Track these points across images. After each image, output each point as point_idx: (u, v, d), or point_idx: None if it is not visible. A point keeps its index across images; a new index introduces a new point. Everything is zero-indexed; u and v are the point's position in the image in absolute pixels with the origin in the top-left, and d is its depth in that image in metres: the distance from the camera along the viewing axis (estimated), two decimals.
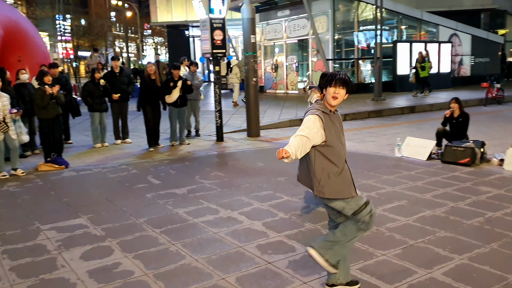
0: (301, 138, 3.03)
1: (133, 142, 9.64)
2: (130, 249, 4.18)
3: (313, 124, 3.07)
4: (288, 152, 2.96)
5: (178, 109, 9.16)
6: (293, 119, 12.30)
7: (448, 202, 5.25)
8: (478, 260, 3.76)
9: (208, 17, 9.11)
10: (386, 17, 19.57)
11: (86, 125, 11.50)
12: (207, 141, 9.79)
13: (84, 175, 7.08)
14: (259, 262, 3.84)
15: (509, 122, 11.84)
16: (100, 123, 9.23)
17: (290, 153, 2.97)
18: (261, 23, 21.88)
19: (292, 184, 6.22)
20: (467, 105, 14.86)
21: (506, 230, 4.36)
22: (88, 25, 48.39)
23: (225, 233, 4.51)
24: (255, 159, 7.93)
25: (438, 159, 7.39)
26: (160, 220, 4.91)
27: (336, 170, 3.14)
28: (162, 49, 60.02)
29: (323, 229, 4.53)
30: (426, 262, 3.76)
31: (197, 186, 6.22)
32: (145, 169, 7.31)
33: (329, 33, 18.60)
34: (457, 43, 22.22)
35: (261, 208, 5.27)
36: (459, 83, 21.95)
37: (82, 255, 4.08)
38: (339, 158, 3.15)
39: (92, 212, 5.25)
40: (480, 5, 25.81)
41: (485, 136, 8.94)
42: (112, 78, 9.30)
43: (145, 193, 5.98)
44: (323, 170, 3.13)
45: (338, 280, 3.31)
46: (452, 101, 7.83)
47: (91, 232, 4.64)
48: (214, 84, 9.72)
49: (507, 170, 6.61)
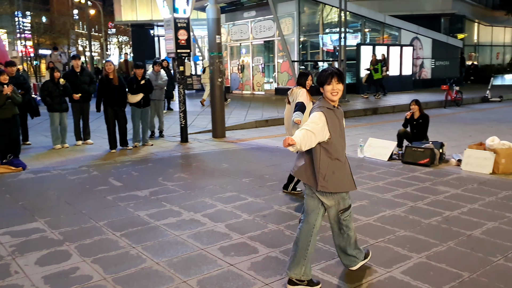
0: (306, 132, 3.12)
1: (94, 143, 9.41)
2: (88, 253, 4.07)
3: (318, 120, 3.18)
4: (293, 140, 3.03)
5: (141, 109, 9.01)
6: (259, 120, 12.32)
7: (408, 202, 5.36)
8: (436, 259, 3.85)
9: (173, 17, 9.01)
10: (350, 20, 19.91)
11: (45, 125, 11.15)
12: (171, 142, 9.67)
13: (42, 177, 6.86)
14: (221, 264, 3.81)
15: (467, 124, 12.25)
16: (60, 124, 8.98)
17: (296, 142, 3.03)
18: (227, 23, 21.84)
19: (257, 185, 6.22)
20: (428, 107, 15.29)
21: (463, 229, 4.49)
22: (49, 23, 47.04)
23: (187, 235, 4.46)
24: (220, 160, 7.88)
25: (398, 159, 7.55)
26: (121, 223, 4.81)
27: (340, 165, 3.31)
28: (127, 48, 59.01)
29: (286, 229, 4.55)
30: (385, 261, 3.83)
31: (159, 188, 6.13)
32: (107, 171, 7.15)
33: (295, 35, 18.75)
34: (418, 47, 22.84)
35: (224, 209, 5.24)
36: (420, 85, 22.56)
37: (38, 260, 3.94)
38: (342, 153, 3.33)
39: (50, 215, 5.09)
40: (440, 10, 26.61)
41: (444, 137, 9.20)
42: (73, 78, 9.06)
43: (106, 195, 5.84)
44: (328, 166, 3.26)
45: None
46: (412, 103, 8.04)
47: (48, 236, 4.49)
48: (178, 84, 9.62)
49: (464, 170, 6.82)
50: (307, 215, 3.44)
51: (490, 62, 33.35)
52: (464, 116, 14.09)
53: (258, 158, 8.07)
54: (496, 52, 34.72)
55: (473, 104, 17.47)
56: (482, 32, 33.08)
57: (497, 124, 12.05)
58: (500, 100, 18.05)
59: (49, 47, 38.90)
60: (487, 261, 3.79)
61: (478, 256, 3.88)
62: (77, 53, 49.38)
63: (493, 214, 4.89)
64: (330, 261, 3.85)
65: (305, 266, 3.36)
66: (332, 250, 4.05)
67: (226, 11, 21.29)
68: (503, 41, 35.40)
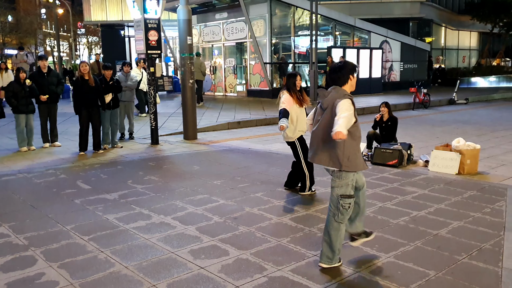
0: (346, 118, 3.42)
1: (62, 145, 9.21)
2: (55, 258, 3.97)
3: (351, 106, 3.52)
4: (344, 134, 3.31)
5: (111, 111, 8.87)
6: (231, 122, 12.31)
7: (377, 202, 5.45)
8: (403, 258, 3.92)
9: (143, 17, 8.90)
10: (321, 23, 20.13)
11: (11, 127, 10.85)
12: (142, 144, 9.55)
13: (7, 180, 6.66)
14: (192, 268, 3.78)
15: (434, 125, 12.55)
16: (27, 126, 8.75)
17: (344, 134, 3.32)
18: (198, 24, 21.75)
19: (228, 187, 6.20)
20: (396, 109, 15.61)
21: (429, 229, 4.59)
22: (15, 22, 45.78)
23: (157, 239, 4.41)
24: (191, 163, 7.83)
25: (368, 160, 7.67)
26: (89, 227, 4.71)
27: (359, 147, 3.71)
28: (97, 48, 58.00)
29: (257, 231, 4.55)
30: (355, 261, 3.88)
31: (129, 191, 6.04)
32: (75, 174, 7.00)
33: (267, 37, 18.83)
34: (387, 50, 23.29)
35: (195, 212, 5.20)
36: (390, 88, 23.00)
37: (2, 266, 3.82)
38: (360, 136, 3.72)
39: (15, 220, 4.95)
40: (409, 14, 27.19)
41: (412, 138, 9.40)
42: (40, 79, 8.83)
43: (74, 198, 5.72)
44: (352, 147, 3.62)
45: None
46: (382, 105, 8.19)
47: (13, 241, 4.36)
48: (149, 85, 9.51)
49: (431, 171, 6.98)
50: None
51: (456, 65, 34.31)
52: (432, 118, 14.43)
53: (230, 160, 8.05)
54: (462, 55, 35.74)
55: (440, 106, 17.92)
56: (449, 36, 34.02)
57: (463, 125, 12.40)
58: (466, 103, 18.59)
59: (15, 47, 37.86)
60: (453, 259, 3.88)
61: (444, 255, 3.97)
62: (45, 53, 48.28)
63: (459, 214, 5.02)
64: (301, 262, 3.87)
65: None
66: (302, 251, 4.07)
67: (197, 12, 21.21)
68: (469, 45, 36.48)
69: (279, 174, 6.69)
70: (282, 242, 4.30)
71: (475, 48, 37.26)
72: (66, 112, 8.80)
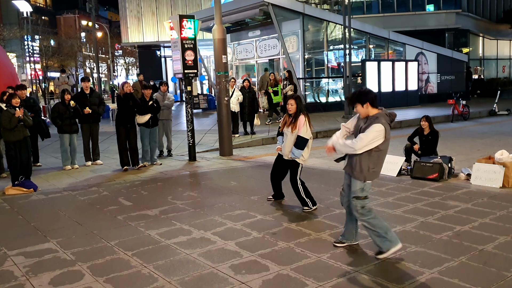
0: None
1: (104, 163, 9.49)
2: (101, 272, 4.09)
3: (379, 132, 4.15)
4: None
5: (150, 129, 9.11)
6: (265, 138, 12.37)
7: (418, 217, 5.35)
8: (448, 274, 3.83)
9: (179, 38, 9.15)
10: (355, 37, 20.06)
11: (55, 147, 11.28)
12: (180, 161, 9.73)
13: (53, 198, 6.92)
14: (233, 283, 3.81)
15: (475, 137, 12.22)
16: (70, 145, 9.08)
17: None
18: (232, 43, 22.09)
19: (265, 203, 6.23)
20: (435, 122, 15.23)
21: (474, 244, 4.47)
22: (57, 46, 47.80)
23: (198, 254, 4.47)
24: (228, 178, 7.92)
25: (407, 175, 7.54)
26: (132, 243, 4.83)
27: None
28: (133, 69, 59.70)
29: (296, 247, 4.55)
30: (397, 277, 3.82)
31: (169, 207, 6.16)
32: (116, 191, 7.20)
33: (299, 53, 18.92)
34: (423, 62, 22.93)
35: (234, 227, 5.25)
36: (427, 100, 22.58)
37: (51, 280, 3.97)
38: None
39: (62, 236, 5.13)
40: (444, 25, 26.80)
41: (452, 151, 9.19)
42: (82, 99, 9.18)
43: (116, 215, 5.88)
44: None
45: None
46: (423, 119, 8.02)
47: (61, 256, 4.52)
48: (186, 103, 9.72)
49: (473, 184, 6.79)
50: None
51: (496, 76, 33.38)
52: (472, 130, 14.06)
53: (266, 175, 8.05)
54: (502, 65, 34.76)
55: (480, 118, 17.44)
56: (487, 46, 33.20)
57: (505, 137, 12.01)
58: (508, 114, 18.01)
59: (57, 70, 39.46)
60: (501, 275, 3.76)
61: (491, 271, 3.86)
62: (85, 74, 50.05)
63: (505, 228, 4.86)
64: (342, 278, 3.83)
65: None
66: (343, 267, 4.03)
67: (231, 31, 21.56)
68: (509, 55, 35.47)
69: (316, 189, 6.67)
70: (322, 258, 4.28)
71: None
72: (106, 131, 9.09)
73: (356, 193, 4.26)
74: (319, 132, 13.14)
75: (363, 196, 4.25)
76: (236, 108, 12.44)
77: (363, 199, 4.25)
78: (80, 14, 65.49)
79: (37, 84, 32.96)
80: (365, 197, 4.26)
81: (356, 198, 4.26)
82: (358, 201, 4.25)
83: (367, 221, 4.25)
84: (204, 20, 17.48)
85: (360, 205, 4.24)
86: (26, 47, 30.56)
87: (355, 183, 4.28)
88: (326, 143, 4.44)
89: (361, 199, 4.24)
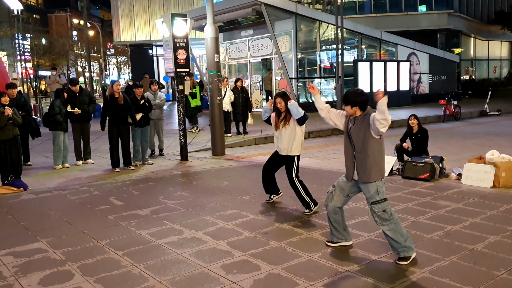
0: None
1: (95, 163, 9.43)
2: (91, 272, 4.06)
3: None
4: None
5: (141, 128, 9.06)
6: (258, 137, 12.36)
7: (409, 217, 5.37)
8: (438, 273, 3.84)
9: (171, 36, 9.10)
10: (347, 37, 20.12)
11: (46, 146, 11.21)
12: (171, 160, 9.69)
13: (43, 197, 6.86)
14: (224, 282, 3.80)
15: (466, 137, 12.29)
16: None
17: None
18: (224, 42, 22.06)
19: (257, 202, 6.22)
20: (426, 122, 15.39)
21: (465, 243, 4.49)
22: (49, 44, 47.46)
23: (189, 253, 4.45)
24: (220, 178, 7.89)
25: (399, 174, 7.57)
26: (123, 242, 4.80)
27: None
28: (126, 68, 59.46)
29: (288, 246, 4.55)
30: (388, 276, 3.82)
31: (160, 207, 6.13)
32: (107, 190, 7.15)
33: (292, 53, 18.93)
34: (415, 62, 23.05)
35: (226, 227, 5.23)
36: (419, 100, 22.70)
37: (41, 280, 3.93)
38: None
39: (52, 235, 5.08)
40: (436, 26, 26.94)
41: (444, 151, 9.24)
42: (72, 98, 9.10)
43: (107, 214, 5.84)
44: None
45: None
46: (411, 118, 8.08)
47: (51, 256, 4.48)
48: (178, 103, 9.68)
49: (464, 184, 6.83)
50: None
51: (487, 76, 33.65)
52: (463, 130, 14.15)
53: (258, 175, 8.02)
54: (493, 66, 35.03)
55: (471, 118, 17.57)
56: (479, 47, 33.45)
57: (496, 137, 12.10)
58: (499, 114, 18.15)
59: (48, 68, 39.17)
60: (491, 275, 3.78)
61: (481, 270, 3.87)
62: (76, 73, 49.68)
63: (495, 228, 4.89)
64: (333, 277, 3.84)
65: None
66: (334, 266, 4.04)
67: (223, 30, 21.52)
68: (499, 55, 35.76)
69: (308, 188, 6.65)
70: (313, 257, 4.28)
71: (506, 58, 36.51)
72: (98, 131, 9.02)
73: (373, 198, 4.06)
74: (311, 132, 13.16)
75: (381, 199, 4.05)
76: (229, 108, 12.40)
77: (382, 202, 4.04)
78: (71, 12, 65.12)
79: (28, 82, 32.70)
80: (384, 200, 4.05)
81: (374, 203, 4.06)
82: (378, 205, 4.05)
83: (388, 226, 4.06)
84: (196, 19, 17.41)
85: (381, 208, 4.04)
86: (17, 46, 30.31)
87: (368, 188, 4.08)
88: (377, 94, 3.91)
89: (380, 203, 4.04)
